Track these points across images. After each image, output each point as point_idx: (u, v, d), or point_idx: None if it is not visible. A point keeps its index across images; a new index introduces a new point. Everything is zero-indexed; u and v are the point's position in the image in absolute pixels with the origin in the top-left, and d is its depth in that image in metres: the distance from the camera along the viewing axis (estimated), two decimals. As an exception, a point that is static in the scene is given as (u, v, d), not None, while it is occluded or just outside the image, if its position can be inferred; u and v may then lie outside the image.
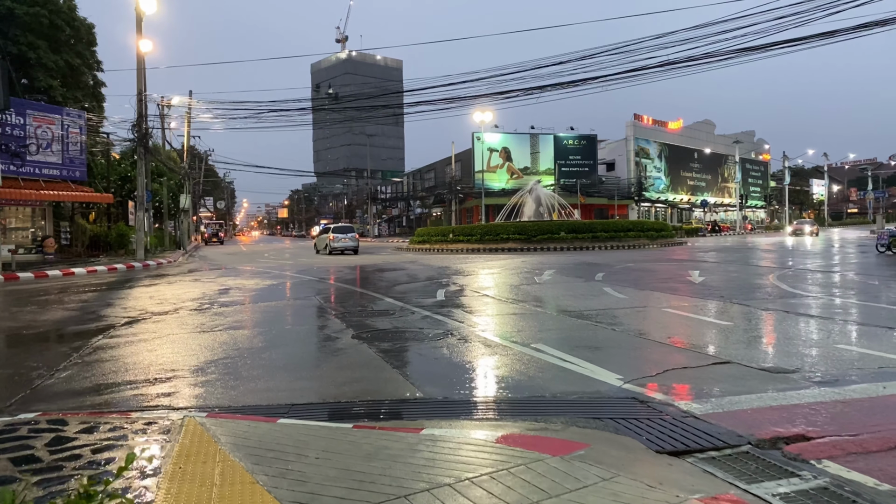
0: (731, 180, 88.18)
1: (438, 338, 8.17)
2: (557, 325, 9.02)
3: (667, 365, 6.39)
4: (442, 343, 7.82)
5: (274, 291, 15.26)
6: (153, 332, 9.28)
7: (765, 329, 8.62)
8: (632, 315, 9.90)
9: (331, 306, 11.90)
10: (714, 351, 7.04)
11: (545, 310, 10.67)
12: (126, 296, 14.54)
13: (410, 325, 9.31)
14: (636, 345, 7.52)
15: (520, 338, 8.01)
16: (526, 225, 32.54)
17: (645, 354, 6.96)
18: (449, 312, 10.53)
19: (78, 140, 26.41)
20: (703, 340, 7.72)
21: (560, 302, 11.65)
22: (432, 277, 17.61)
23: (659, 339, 7.72)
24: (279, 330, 9.19)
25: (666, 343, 7.52)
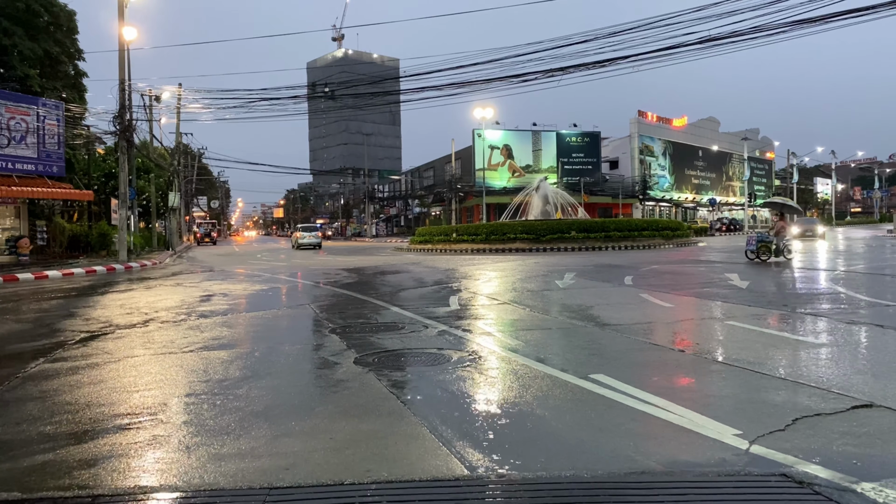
0: (736, 179, 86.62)
1: (465, 364, 6.43)
2: (608, 346, 7.27)
3: (790, 410, 4.65)
4: (471, 372, 6.08)
5: (263, 298, 13.50)
6: (109, 353, 7.52)
7: (877, 351, 6.89)
8: (693, 330, 8.16)
9: (328, 317, 10.15)
10: (838, 385, 5.30)
11: (584, 323, 8.93)
12: (94, 303, 12.76)
13: (425, 345, 7.56)
14: (727, 375, 5.78)
15: (569, 364, 6.27)
16: (535, 224, 30.80)
17: (749, 392, 5.22)
18: (469, 327, 8.78)
19: (56, 133, 24.60)
20: (810, 369, 5.98)
21: (598, 312, 9.91)
22: (441, 282, 15.87)
23: (750, 367, 5.99)
24: (264, 351, 7.43)
25: (763, 373, 5.78)
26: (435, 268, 20.81)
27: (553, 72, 16.97)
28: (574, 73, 16.72)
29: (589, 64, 16.45)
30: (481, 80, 18.05)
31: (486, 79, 18.00)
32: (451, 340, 7.80)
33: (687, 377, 5.81)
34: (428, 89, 19.11)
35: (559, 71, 16.92)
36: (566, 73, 16.69)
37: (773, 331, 7.98)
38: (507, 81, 17.49)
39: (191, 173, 66.41)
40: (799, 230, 33.59)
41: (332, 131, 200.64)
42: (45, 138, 24.22)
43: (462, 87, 18.68)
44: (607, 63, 16.14)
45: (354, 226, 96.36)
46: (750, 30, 14.81)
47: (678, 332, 8.06)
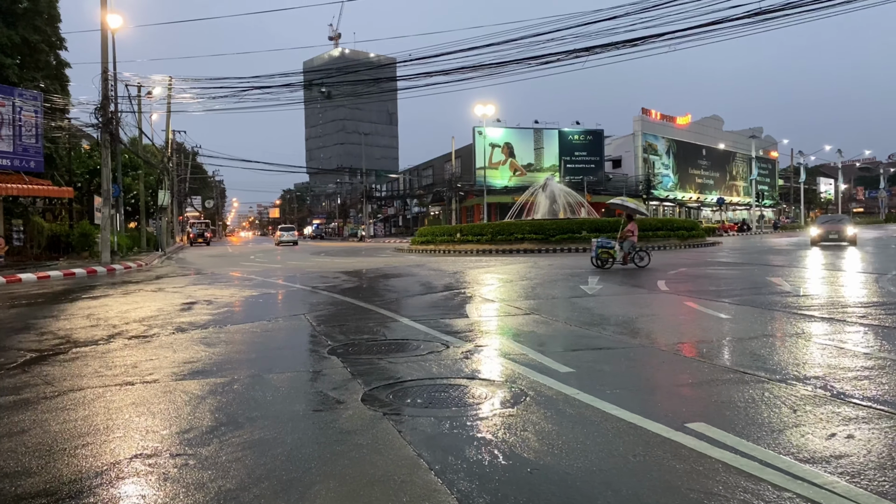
0: (740, 178, 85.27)
1: (511, 405, 4.85)
2: (690, 377, 5.72)
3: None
4: (523, 420, 4.50)
5: (253, 307, 11.90)
6: (50, 383, 5.93)
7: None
8: (780, 350, 6.60)
9: (326, 332, 8.56)
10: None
11: (638, 341, 7.37)
12: (59, 313, 11.15)
13: (450, 372, 6.00)
14: (871, 423, 4.21)
15: (651, 407, 4.71)
16: (543, 223, 29.22)
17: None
18: (500, 346, 7.21)
19: (34, 125, 22.95)
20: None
21: (647, 326, 8.36)
22: (451, 287, 14.30)
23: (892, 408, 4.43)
24: (247, 381, 5.84)
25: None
26: (441, 270, 19.23)
27: (577, 52, 15.31)
28: (601, 53, 15.06)
29: (618, 43, 14.78)
30: (496, 62, 16.38)
31: (500, 61, 16.36)
32: (482, 367, 6.24)
33: (829, 430, 4.24)
34: (436, 74, 17.46)
35: (584, 51, 15.25)
36: (592, 54, 15.04)
37: (882, 352, 6.42)
38: (525, 64, 15.85)
39: (184, 172, 64.75)
40: (820, 232, 26.31)
41: (328, 131, 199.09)
42: (21, 131, 22.57)
43: (474, 70, 16.99)
44: (639, 42, 14.49)
45: (351, 226, 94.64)
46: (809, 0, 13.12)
47: (760, 355, 6.50)
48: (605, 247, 18.04)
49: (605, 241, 18.31)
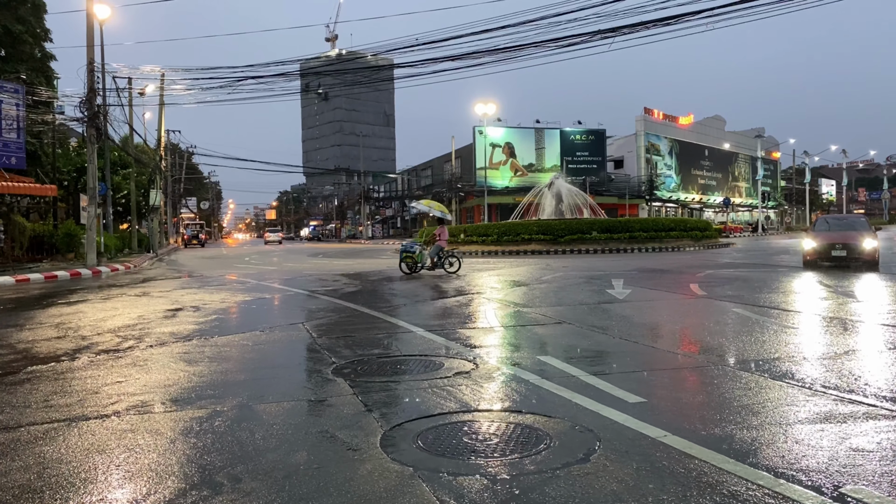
0: (742, 179, 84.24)
1: (583, 457, 3.62)
2: (796, 408, 4.49)
3: None
4: (614, 488, 3.26)
5: (245, 314, 10.66)
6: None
7: None
8: (889, 370, 5.38)
9: (329, 345, 7.33)
10: None
11: (703, 357, 6.16)
12: (26, 321, 9.89)
13: (490, 403, 4.80)
14: None
15: (782, 460, 3.49)
16: (552, 223, 28.00)
17: None
18: (543, 366, 5.96)
19: (14, 119, 21.66)
20: None
21: (704, 339, 7.14)
22: (463, 290, 13.07)
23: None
24: (233, 416, 4.60)
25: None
26: (448, 273, 17.97)
27: (603, 33, 13.97)
28: (630, 34, 13.77)
29: (649, 22, 13.50)
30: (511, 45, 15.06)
31: (517, 44, 15.07)
32: (527, 395, 5.01)
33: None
34: (444, 60, 16.14)
35: (610, 32, 13.92)
36: (619, 35, 13.73)
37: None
38: (544, 47, 14.55)
39: (179, 172, 63.40)
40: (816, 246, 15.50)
41: (325, 132, 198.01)
42: (1, 125, 21.28)
43: (487, 54, 15.65)
44: (672, 20, 13.19)
45: (349, 227, 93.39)
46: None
47: (878, 379, 5.28)
48: (408, 251, 17.16)
49: (409, 245, 17.62)
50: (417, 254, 17.08)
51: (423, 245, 17.52)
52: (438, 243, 17.28)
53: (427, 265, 17.15)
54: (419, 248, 17.39)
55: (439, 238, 17.43)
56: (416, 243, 17.40)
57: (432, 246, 17.37)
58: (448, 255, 17.33)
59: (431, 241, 17.44)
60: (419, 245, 17.57)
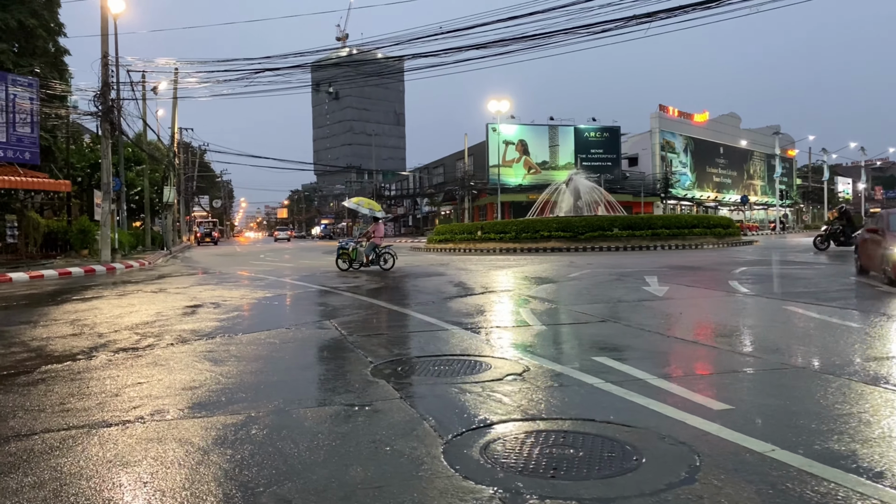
0: (757, 177, 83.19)
1: (687, 474, 3.11)
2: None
3: None
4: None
5: (267, 311, 10.21)
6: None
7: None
8: None
9: (362, 344, 6.84)
10: None
11: (776, 358, 5.63)
12: (41, 318, 9.47)
13: (554, 409, 4.30)
14: None
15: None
16: (572, 220, 27.38)
17: None
18: (602, 368, 5.45)
19: (29, 114, 21.35)
20: None
21: (768, 339, 6.61)
22: (490, 287, 12.57)
23: None
24: (268, 424, 4.12)
25: None
26: (470, 269, 17.49)
27: (638, 18, 13.32)
28: (667, 18, 13.12)
29: (689, 6, 12.82)
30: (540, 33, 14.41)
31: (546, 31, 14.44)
32: (592, 399, 4.50)
33: None
34: (468, 49, 15.48)
35: (646, 17, 13.25)
36: (655, 20, 13.07)
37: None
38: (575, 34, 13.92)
39: (191, 170, 63.21)
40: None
41: (335, 132, 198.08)
42: (15, 119, 20.97)
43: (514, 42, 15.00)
44: (713, 3, 12.49)
45: (360, 226, 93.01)
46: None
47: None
48: (343, 248, 17.73)
49: (344, 242, 18.24)
50: (352, 250, 17.44)
51: (357, 242, 17.93)
52: (373, 240, 17.50)
53: (363, 262, 17.38)
54: (353, 244, 17.73)
55: (374, 235, 17.62)
56: (352, 241, 18.04)
57: (367, 243, 17.57)
58: (383, 252, 17.48)
59: (369, 237, 17.67)
60: (353, 242, 17.98)
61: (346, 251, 17.50)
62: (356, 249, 17.46)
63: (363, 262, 17.39)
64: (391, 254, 17.53)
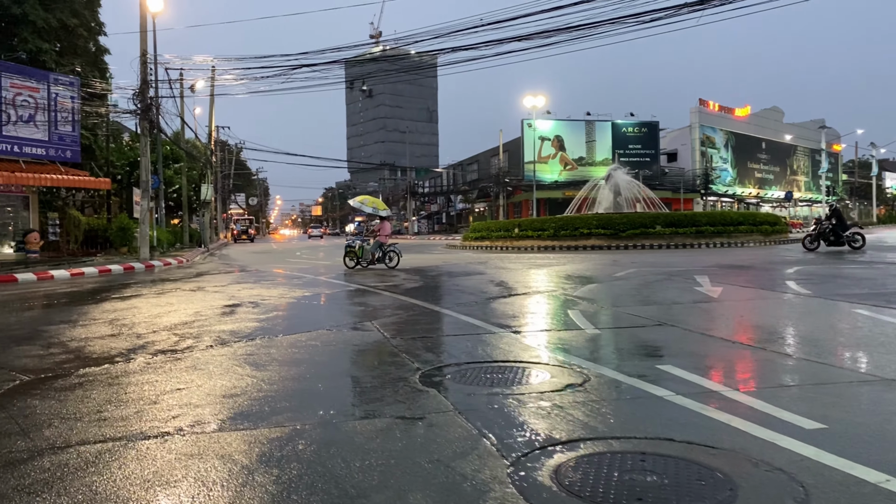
0: (801, 173, 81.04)
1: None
2: None
3: None
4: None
5: (306, 311, 9.98)
6: (27, 431, 4.05)
7: None
8: None
9: (406, 347, 6.53)
10: None
11: (864, 369, 5.13)
12: (80, 316, 9.37)
13: (625, 427, 3.94)
14: None
15: None
16: (612, 217, 26.77)
17: None
18: (661, 376, 5.04)
19: (69, 112, 21.56)
20: None
21: (846, 348, 6.11)
22: (534, 287, 12.18)
23: None
24: (315, 439, 3.83)
25: None
26: (510, 268, 17.10)
27: (691, 6, 12.54)
28: (721, 5, 12.42)
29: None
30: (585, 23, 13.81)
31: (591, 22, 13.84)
32: (669, 416, 4.11)
33: None
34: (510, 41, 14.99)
35: (699, 5, 12.50)
36: (708, 6, 12.36)
37: None
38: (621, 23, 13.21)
39: (228, 168, 63.84)
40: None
41: (369, 129, 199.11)
42: (57, 118, 21.18)
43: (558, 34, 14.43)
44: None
45: (394, 223, 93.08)
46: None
47: None
48: (350, 246, 17.74)
49: (351, 241, 18.23)
50: (358, 248, 17.48)
51: (363, 240, 17.98)
52: (379, 239, 17.58)
53: (369, 260, 17.47)
54: (360, 242, 17.75)
55: (379, 233, 17.67)
56: (358, 239, 18.15)
57: (373, 241, 17.61)
58: (389, 250, 17.55)
59: (375, 236, 17.75)
60: (360, 240, 18.04)
61: (352, 249, 17.58)
62: (362, 248, 17.54)
63: (369, 259, 17.50)
64: (396, 252, 17.63)
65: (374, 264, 17.55)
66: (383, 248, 17.52)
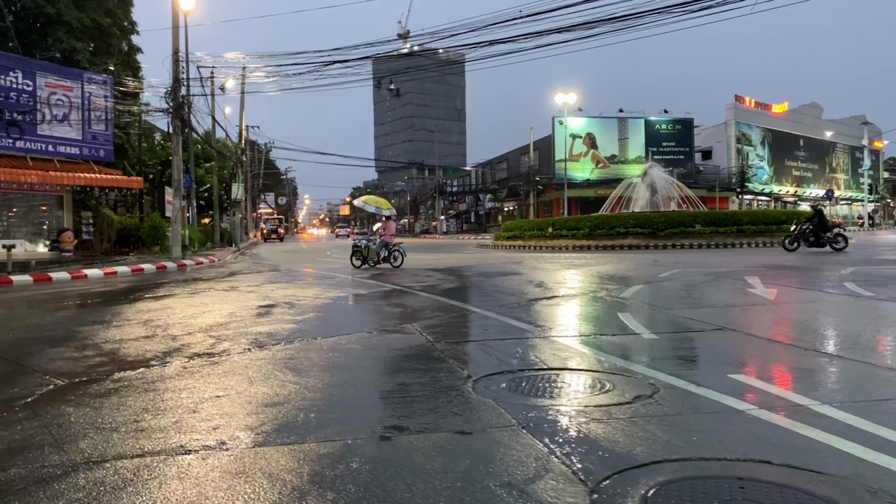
0: (840, 170, 78.99)
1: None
2: None
3: None
4: None
5: (343, 312, 9.71)
6: (61, 443, 3.78)
7: None
8: None
9: (453, 353, 6.19)
10: None
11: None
12: (114, 316, 9.19)
13: (712, 447, 3.54)
14: None
15: None
16: (651, 216, 26.13)
17: None
18: (736, 387, 4.62)
19: (103, 111, 21.62)
20: None
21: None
22: (576, 288, 11.76)
23: None
24: (369, 457, 3.49)
25: None
26: (547, 269, 16.68)
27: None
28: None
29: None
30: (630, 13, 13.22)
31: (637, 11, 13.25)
32: (758, 434, 3.69)
33: None
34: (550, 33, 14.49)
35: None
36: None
37: None
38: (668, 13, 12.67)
39: (257, 168, 64.22)
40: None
41: (396, 129, 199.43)
42: (90, 117, 21.26)
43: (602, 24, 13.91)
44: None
45: (422, 222, 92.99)
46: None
47: None
48: (357, 246, 17.94)
49: (358, 240, 18.32)
50: (364, 247, 17.70)
51: (369, 240, 18.07)
52: (384, 238, 17.64)
53: (375, 259, 17.60)
54: (366, 242, 17.95)
55: (384, 233, 17.75)
56: (364, 238, 18.29)
57: (379, 241, 17.64)
58: (394, 250, 17.60)
59: (380, 235, 17.87)
60: (366, 240, 18.17)
61: (359, 248, 17.77)
62: (368, 247, 17.69)
63: (375, 259, 17.61)
64: (401, 252, 17.66)
65: (380, 264, 17.63)
66: (389, 248, 17.59)
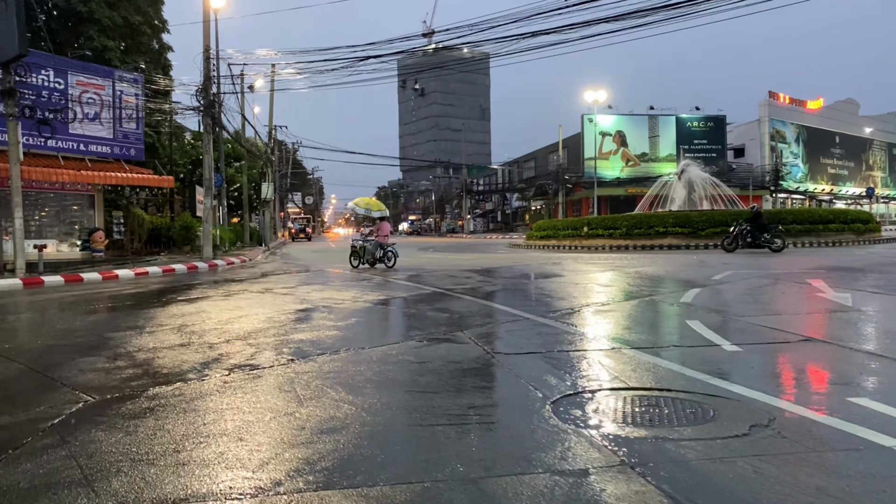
0: (878, 168, 76.84)
1: None
2: None
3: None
4: None
5: (385, 318, 9.16)
6: (90, 481, 3.24)
7: None
8: None
9: (517, 369, 5.59)
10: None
11: None
12: (147, 321, 8.73)
13: (866, 496, 2.84)
14: None
15: None
16: (690, 215, 25.26)
17: None
18: (859, 413, 3.95)
19: (134, 110, 21.37)
20: None
21: None
22: (628, 292, 11.07)
23: None
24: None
25: None
26: (590, 270, 15.99)
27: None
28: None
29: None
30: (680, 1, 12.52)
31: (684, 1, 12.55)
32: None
33: None
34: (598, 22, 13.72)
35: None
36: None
37: None
38: (726, 0, 12.06)
39: (285, 167, 64.15)
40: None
41: (421, 128, 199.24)
42: (121, 116, 21.01)
43: (655, 12, 13.20)
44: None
45: (448, 221, 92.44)
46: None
47: None
48: (354, 247, 18.10)
49: (355, 241, 18.48)
50: (360, 248, 17.89)
51: (366, 240, 18.01)
52: (377, 239, 17.78)
53: (370, 260, 17.76)
54: (362, 243, 17.98)
55: (378, 234, 17.85)
56: (362, 239, 18.28)
57: (373, 242, 17.80)
58: (387, 251, 17.72)
59: (373, 236, 17.93)
60: (363, 240, 18.09)
61: (356, 249, 17.96)
62: (363, 248, 17.84)
63: (371, 260, 17.81)
64: (394, 253, 17.82)
65: (376, 264, 17.82)
66: (384, 248, 17.74)
